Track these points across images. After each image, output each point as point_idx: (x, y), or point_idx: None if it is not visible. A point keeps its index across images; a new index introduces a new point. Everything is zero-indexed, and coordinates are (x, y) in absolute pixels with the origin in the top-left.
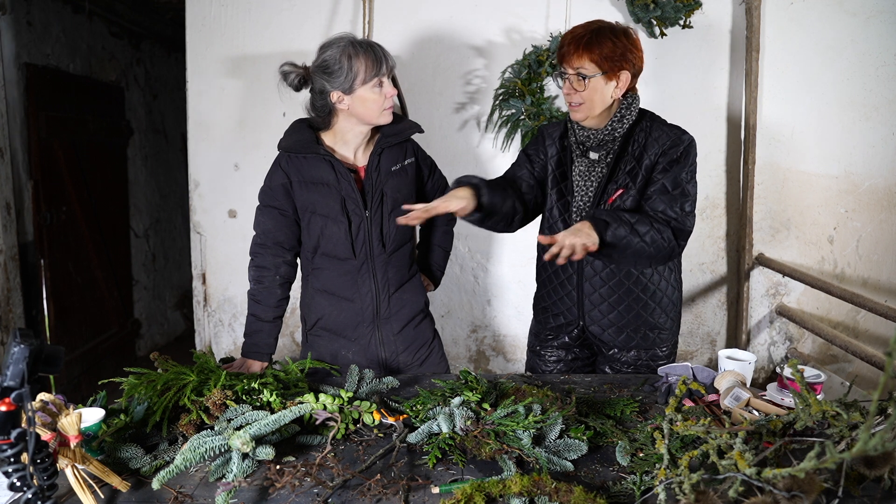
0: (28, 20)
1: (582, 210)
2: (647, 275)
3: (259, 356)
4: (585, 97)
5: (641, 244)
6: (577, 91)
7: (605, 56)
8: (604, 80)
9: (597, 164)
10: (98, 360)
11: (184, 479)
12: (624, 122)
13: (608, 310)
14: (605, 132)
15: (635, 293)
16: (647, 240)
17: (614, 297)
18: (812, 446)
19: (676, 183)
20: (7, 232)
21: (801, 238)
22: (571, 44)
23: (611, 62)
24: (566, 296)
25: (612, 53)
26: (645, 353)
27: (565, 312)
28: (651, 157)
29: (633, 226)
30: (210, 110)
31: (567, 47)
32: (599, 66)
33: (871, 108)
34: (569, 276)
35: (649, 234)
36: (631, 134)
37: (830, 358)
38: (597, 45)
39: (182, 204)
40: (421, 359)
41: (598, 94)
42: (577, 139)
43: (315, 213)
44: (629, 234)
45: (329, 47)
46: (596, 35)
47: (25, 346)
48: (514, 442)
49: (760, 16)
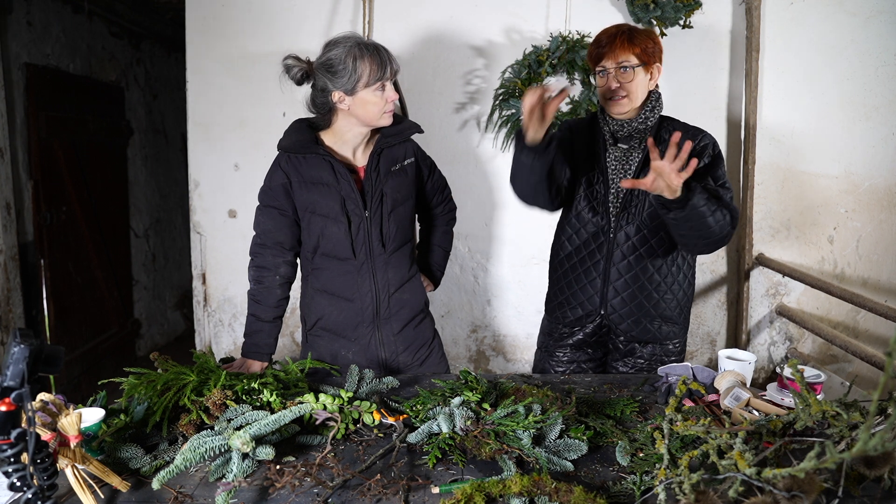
0: (28, 20)
1: (619, 193)
2: (670, 264)
3: (259, 356)
4: (630, 88)
5: (712, 220)
6: (623, 83)
7: (644, 48)
8: (644, 71)
9: (630, 152)
10: (98, 360)
11: (184, 479)
12: (655, 113)
13: (630, 297)
14: (637, 121)
15: (657, 281)
16: (716, 217)
17: (638, 283)
18: (812, 446)
19: (718, 179)
20: (7, 232)
21: (800, 238)
22: (612, 41)
23: (648, 55)
24: (589, 284)
25: (649, 47)
26: (659, 348)
27: (585, 303)
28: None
29: (707, 200)
30: (210, 110)
31: (608, 44)
32: (640, 58)
33: (872, 108)
34: (595, 263)
35: (718, 211)
36: (658, 132)
37: (830, 358)
38: (637, 38)
39: (182, 204)
40: (421, 359)
41: (641, 85)
42: (610, 129)
43: (315, 213)
44: (706, 205)
45: (335, 46)
46: (633, 30)
47: (25, 346)
48: (514, 442)
49: (760, 16)
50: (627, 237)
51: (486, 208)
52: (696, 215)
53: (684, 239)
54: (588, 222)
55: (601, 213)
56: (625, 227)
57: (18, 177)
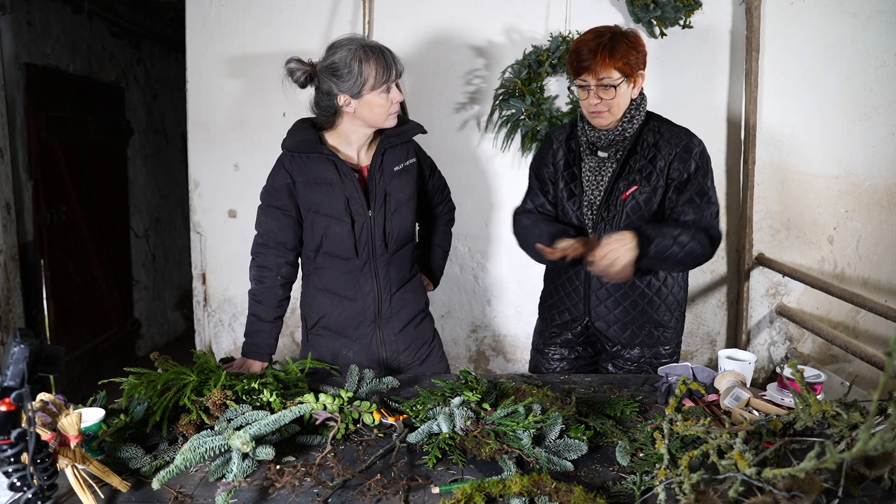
0: (28, 20)
1: (593, 204)
2: (653, 272)
3: (259, 356)
4: (612, 105)
5: (682, 254)
6: (604, 99)
7: (627, 61)
8: (626, 84)
9: (606, 161)
10: (98, 360)
11: (184, 479)
12: (634, 122)
13: (614, 305)
14: (615, 132)
15: (641, 289)
16: (686, 249)
17: (621, 292)
18: (812, 446)
19: (702, 192)
20: (7, 232)
21: (800, 238)
22: (592, 55)
23: (631, 66)
24: (573, 291)
25: (632, 57)
26: (649, 351)
27: (571, 308)
28: (665, 157)
29: (675, 238)
30: (210, 110)
31: (587, 60)
32: (622, 72)
33: (871, 108)
34: (577, 271)
35: (689, 244)
36: (640, 134)
37: (830, 358)
38: (619, 51)
39: (182, 204)
40: (421, 358)
41: (624, 97)
42: (587, 139)
43: (319, 212)
44: (672, 245)
45: (339, 49)
46: (614, 41)
47: (25, 346)
48: (514, 442)
49: (760, 16)
50: None
51: (486, 208)
52: (663, 258)
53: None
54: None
55: (578, 221)
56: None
57: (18, 177)
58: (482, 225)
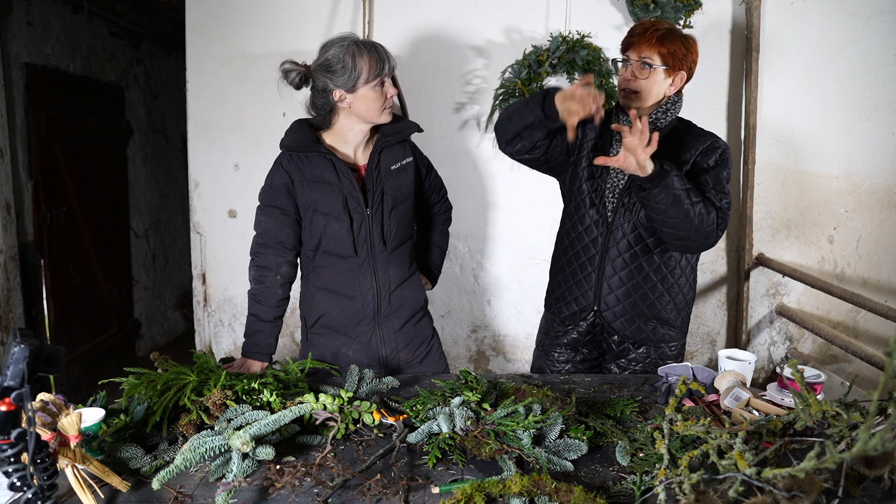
0: (28, 20)
1: (616, 188)
2: (667, 266)
3: (259, 356)
4: (643, 86)
5: (689, 207)
6: (638, 78)
7: (672, 52)
8: (665, 74)
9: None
10: (98, 360)
11: (184, 479)
12: (668, 116)
13: (625, 296)
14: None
15: (653, 282)
16: (696, 208)
17: (633, 282)
18: (812, 446)
19: (718, 181)
20: (7, 232)
21: (800, 238)
22: (644, 33)
23: (675, 60)
24: (584, 279)
25: (679, 52)
26: (654, 351)
27: (580, 298)
28: (689, 154)
29: (689, 191)
30: (210, 110)
31: (638, 36)
32: (665, 60)
33: (872, 108)
34: (591, 257)
35: (699, 204)
36: (671, 130)
37: (830, 358)
38: (669, 40)
39: (182, 204)
40: (421, 356)
41: (656, 86)
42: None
43: (317, 211)
44: (682, 190)
45: (332, 46)
46: (669, 31)
47: (25, 346)
48: (514, 442)
49: (760, 16)
50: (623, 234)
51: (485, 208)
52: (670, 196)
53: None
54: (586, 215)
55: (599, 206)
56: (621, 224)
57: (18, 177)
58: (482, 225)
